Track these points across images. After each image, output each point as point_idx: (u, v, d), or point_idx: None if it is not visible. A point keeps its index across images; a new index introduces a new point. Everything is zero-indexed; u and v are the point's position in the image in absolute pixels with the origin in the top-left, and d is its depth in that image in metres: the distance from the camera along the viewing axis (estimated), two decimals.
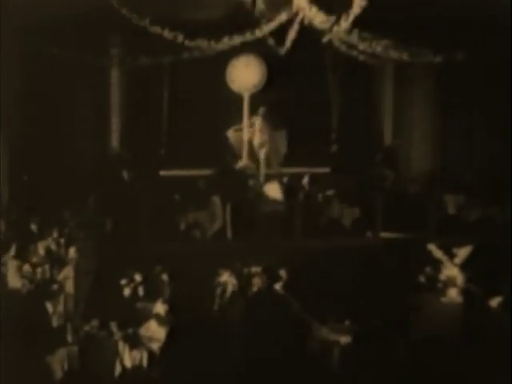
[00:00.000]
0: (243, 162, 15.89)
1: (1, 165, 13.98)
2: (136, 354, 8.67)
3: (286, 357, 8.58)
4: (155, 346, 8.79)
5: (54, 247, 11.60)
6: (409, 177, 15.63)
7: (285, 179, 15.01)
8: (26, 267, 10.81)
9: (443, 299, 10.23)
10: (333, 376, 8.93)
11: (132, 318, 9.14)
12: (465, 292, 10.27)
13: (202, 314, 10.60)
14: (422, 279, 10.72)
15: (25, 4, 13.03)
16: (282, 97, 15.72)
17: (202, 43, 14.27)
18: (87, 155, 15.41)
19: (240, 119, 16.04)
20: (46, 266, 10.93)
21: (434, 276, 10.55)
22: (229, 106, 15.96)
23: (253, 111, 15.99)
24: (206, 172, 15.34)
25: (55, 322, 9.76)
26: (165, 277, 10.70)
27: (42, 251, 11.34)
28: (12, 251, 10.95)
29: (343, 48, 14.36)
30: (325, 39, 14.23)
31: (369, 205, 14.54)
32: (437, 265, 10.62)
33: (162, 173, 15.67)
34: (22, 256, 10.99)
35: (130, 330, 8.81)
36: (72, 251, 11.43)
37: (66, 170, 14.78)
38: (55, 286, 10.43)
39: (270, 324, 8.52)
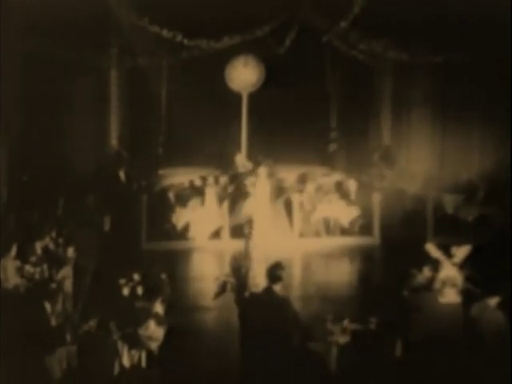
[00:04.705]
0: (241, 159, 15.90)
1: (1, 165, 13.97)
2: (135, 353, 8.69)
3: (285, 357, 8.57)
4: (154, 346, 8.79)
5: (52, 247, 11.59)
6: (407, 176, 15.62)
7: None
8: (26, 267, 10.80)
9: (442, 299, 10.22)
10: (331, 376, 8.92)
11: (131, 317, 9.14)
12: (464, 292, 10.26)
13: (200, 314, 10.63)
14: (420, 279, 10.70)
15: (24, 4, 13.03)
16: (281, 96, 15.73)
17: (201, 42, 14.31)
18: (86, 155, 15.42)
19: (239, 118, 16.07)
20: (45, 266, 10.92)
21: (432, 276, 10.53)
22: (228, 105, 15.96)
23: (252, 110, 16.03)
24: (205, 171, 15.34)
25: (54, 322, 9.75)
26: (164, 276, 10.67)
27: (39, 251, 11.33)
28: (13, 251, 10.94)
29: (343, 48, 14.39)
30: (324, 39, 14.29)
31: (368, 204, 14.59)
32: (435, 265, 10.60)
33: (161, 172, 15.68)
34: (22, 256, 10.98)
35: (128, 330, 8.81)
36: (71, 251, 11.42)
37: (66, 170, 14.79)
38: (54, 286, 10.43)
39: (269, 324, 8.52)
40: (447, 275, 10.35)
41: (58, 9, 13.17)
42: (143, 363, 8.81)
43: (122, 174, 15.34)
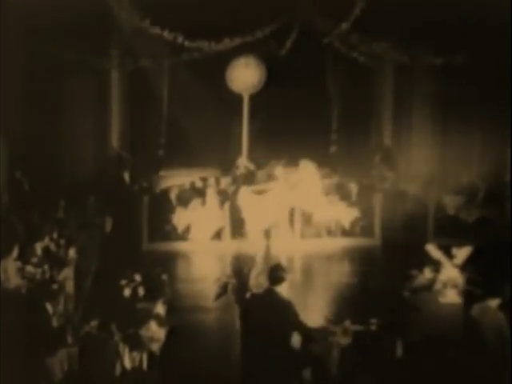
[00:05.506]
0: (243, 161, 15.91)
1: (1, 165, 13.98)
2: (136, 355, 8.68)
3: (285, 358, 8.57)
4: (155, 347, 8.79)
5: (53, 248, 11.59)
6: (408, 177, 15.64)
7: None
8: (27, 268, 10.80)
9: (442, 300, 10.22)
10: (332, 377, 8.92)
11: (132, 318, 9.15)
12: (464, 293, 10.26)
13: (201, 315, 10.63)
14: (421, 280, 10.71)
15: (25, 5, 13.05)
16: (282, 97, 15.74)
17: (202, 44, 14.32)
18: (87, 156, 15.45)
19: (240, 120, 16.08)
20: (46, 267, 10.92)
21: (433, 277, 10.54)
22: (229, 107, 15.98)
23: (253, 112, 16.04)
24: (206, 172, 15.36)
25: (55, 323, 9.75)
26: (164, 277, 10.69)
27: (40, 252, 11.32)
28: (14, 252, 10.94)
29: (343, 49, 14.41)
30: (325, 40, 14.30)
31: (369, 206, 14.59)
32: (436, 266, 10.61)
33: (162, 173, 15.70)
34: (23, 257, 10.99)
35: (129, 331, 8.81)
36: (72, 252, 11.42)
37: (66, 171, 14.81)
38: (55, 287, 10.42)
39: (269, 325, 8.52)
40: (448, 276, 10.36)
41: (59, 10, 13.18)
42: (144, 365, 8.80)
43: (123, 175, 15.36)
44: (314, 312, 10.38)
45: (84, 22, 13.64)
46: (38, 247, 11.36)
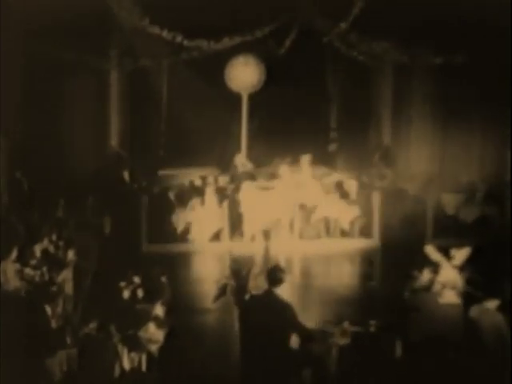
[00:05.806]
0: (241, 159, 15.91)
1: (1, 165, 13.98)
2: (135, 356, 8.69)
3: (284, 359, 8.58)
4: (154, 348, 8.80)
5: (52, 249, 11.58)
6: (407, 176, 15.63)
7: None
8: (26, 270, 10.80)
9: (441, 301, 10.21)
10: (331, 377, 8.93)
11: (131, 320, 9.15)
12: (463, 294, 10.26)
13: (201, 316, 10.64)
14: (421, 281, 10.71)
15: (25, 5, 13.05)
16: (281, 96, 15.74)
17: (202, 43, 14.33)
18: (87, 156, 15.45)
19: (239, 119, 16.09)
20: (45, 268, 10.91)
21: (432, 277, 10.54)
22: (228, 106, 15.98)
23: (252, 111, 16.05)
24: (205, 171, 15.36)
25: (54, 324, 9.75)
26: (164, 278, 10.69)
27: (38, 254, 11.31)
28: (13, 254, 10.94)
29: (343, 49, 14.41)
30: (325, 40, 14.31)
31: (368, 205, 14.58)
32: (435, 267, 10.61)
33: (161, 173, 15.69)
34: (21, 259, 10.98)
35: (128, 332, 8.82)
36: (71, 253, 11.41)
37: (66, 171, 14.80)
38: (54, 288, 10.42)
39: (268, 326, 8.53)
40: (447, 277, 10.34)
41: (59, 10, 13.19)
42: (143, 366, 8.81)
43: (122, 175, 15.36)
44: (313, 313, 10.39)
45: (84, 22, 13.65)
46: (37, 249, 11.35)
